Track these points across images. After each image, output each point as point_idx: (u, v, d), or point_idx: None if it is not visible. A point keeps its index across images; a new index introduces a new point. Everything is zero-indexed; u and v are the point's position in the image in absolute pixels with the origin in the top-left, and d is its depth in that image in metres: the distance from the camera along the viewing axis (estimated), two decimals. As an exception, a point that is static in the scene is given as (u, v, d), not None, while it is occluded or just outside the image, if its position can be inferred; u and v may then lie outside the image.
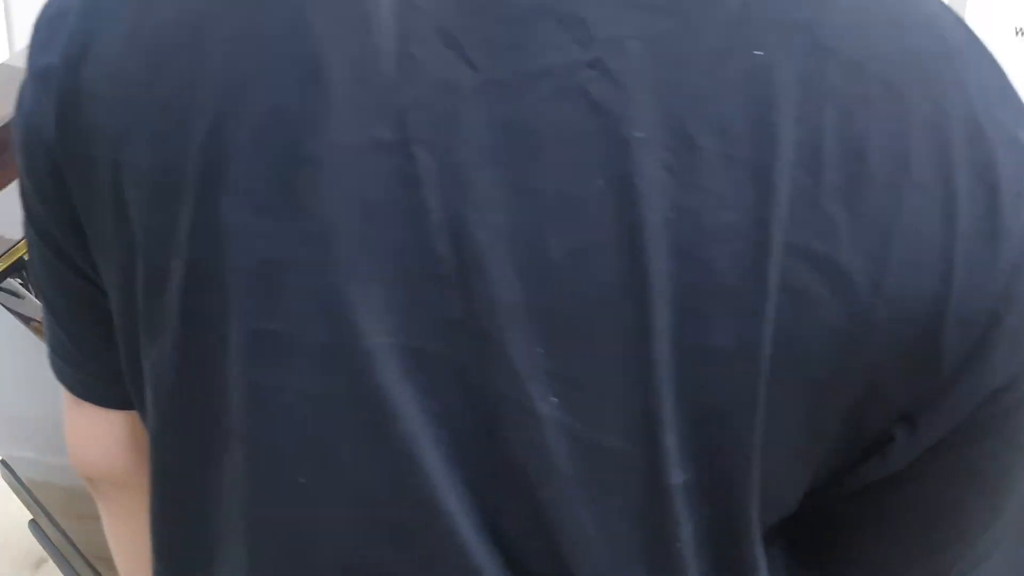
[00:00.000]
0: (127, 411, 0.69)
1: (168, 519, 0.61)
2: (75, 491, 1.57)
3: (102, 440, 0.71)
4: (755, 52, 0.45)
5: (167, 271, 0.53)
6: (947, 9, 0.49)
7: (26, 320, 1.55)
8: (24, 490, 1.69)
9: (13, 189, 1.73)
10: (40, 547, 2.49)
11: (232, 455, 0.54)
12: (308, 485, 0.53)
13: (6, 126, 1.85)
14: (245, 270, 0.50)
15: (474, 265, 0.47)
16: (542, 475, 0.49)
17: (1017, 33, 2.23)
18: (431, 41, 0.47)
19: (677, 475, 0.48)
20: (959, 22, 0.48)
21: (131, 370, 0.60)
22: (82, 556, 1.51)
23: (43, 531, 1.63)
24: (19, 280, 1.67)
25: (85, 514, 1.56)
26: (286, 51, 0.49)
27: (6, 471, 1.76)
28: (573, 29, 0.45)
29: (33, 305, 1.62)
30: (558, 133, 0.46)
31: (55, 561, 1.61)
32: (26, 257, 1.61)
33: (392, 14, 0.47)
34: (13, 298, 1.62)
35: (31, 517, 1.77)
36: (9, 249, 1.59)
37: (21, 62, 1.88)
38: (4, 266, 1.58)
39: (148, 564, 0.76)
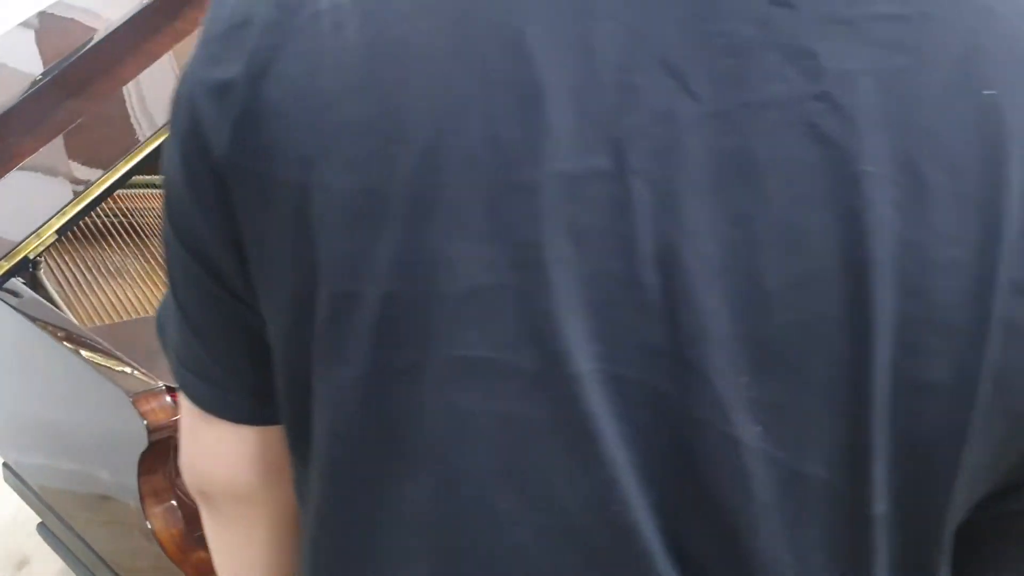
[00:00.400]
0: (260, 427, 0.68)
1: (335, 538, 0.61)
2: (84, 496, 1.55)
3: (230, 456, 0.70)
4: (985, 91, 0.45)
5: (358, 297, 0.52)
6: None
7: (32, 318, 1.53)
8: (31, 493, 1.66)
9: (11, 189, 1.70)
10: (23, 548, 2.46)
11: (419, 480, 0.54)
12: (507, 510, 0.52)
13: (-7, 119, 1.81)
14: (453, 297, 0.50)
15: (682, 294, 0.47)
16: (740, 502, 0.49)
17: None
18: (653, 71, 0.46)
19: (880, 505, 0.49)
20: None
21: (292, 391, 0.59)
22: (99, 557, 1.49)
23: (53, 533, 1.61)
24: (21, 280, 1.64)
25: (95, 519, 1.54)
26: (505, 76, 0.48)
27: (8, 473, 1.73)
28: (800, 61, 0.45)
29: (34, 304, 1.60)
30: (781, 165, 0.45)
31: (67, 562, 1.59)
32: (30, 256, 1.58)
33: (615, 42, 0.47)
34: (13, 297, 1.60)
35: (39, 520, 1.74)
36: (12, 250, 1.56)
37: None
38: (8, 266, 1.55)
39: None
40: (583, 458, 0.50)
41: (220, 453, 0.70)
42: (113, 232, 2.02)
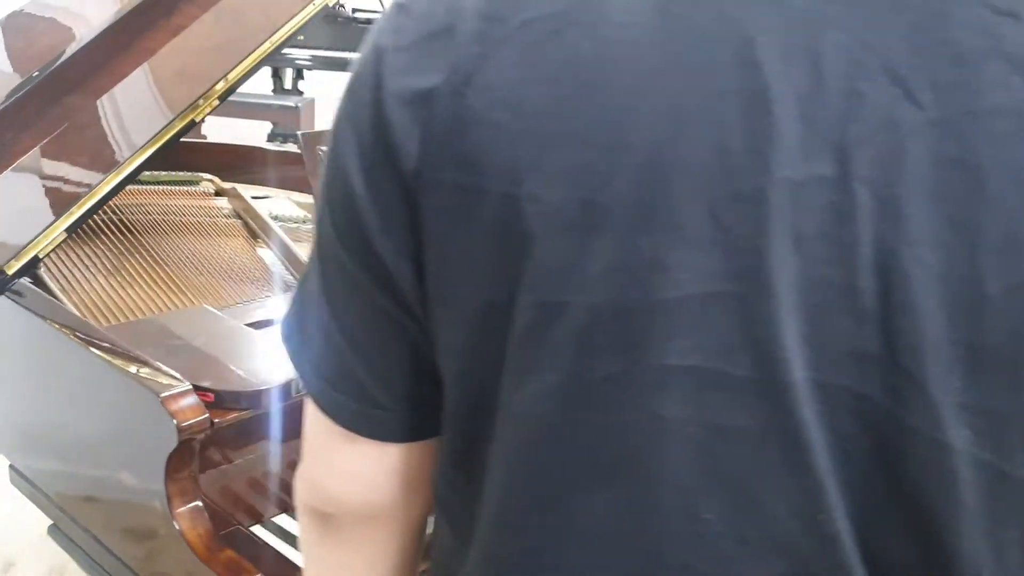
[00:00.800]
0: (405, 443, 0.67)
1: (519, 549, 0.59)
2: (103, 499, 1.53)
3: (370, 475, 0.68)
4: None
5: (565, 306, 0.52)
6: None
7: (47, 320, 1.50)
8: (42, 495, 1.63)
9: (12, 187, 1.67)
10: (6, 552, 2.42)
11: (616, 490, 0.54)
12: (710, 520, 0.53)
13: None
14: (667, 306, 0.50)
15: (900, 300, 0.47)
16: (946, 506, 0.50)
17: None
18: (878, 79, 0.47)
19: None
20: None
21: (471, 403, 0.59)
22: (120, 560, 1.48)
23: (66, 535, 1.59)
24: (29, 280, 1.62)
25: (114, 523, 1.53)
26: (733, 85, 0.48)
27: (15, 475, 1.70)
28: None
29: (47, 304, 1.58)
30: (1006, 172, 0.46)
31: (82, 566, 1.56)
32: (40, 256, 1.55)
33: (841, 51, 0.47)
34: (24, 298, 1.57)
35: (27, 524, 1.71)
36: (22, 249, 1.53)
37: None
38: (18, 266, 1.53)
39: None
40: (793, 467, 0.51)
41: (358, 472, 0.68)
42: (105, 229, 1.99)
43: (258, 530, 1.46)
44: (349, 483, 0.69)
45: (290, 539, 1.43)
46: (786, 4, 0.48)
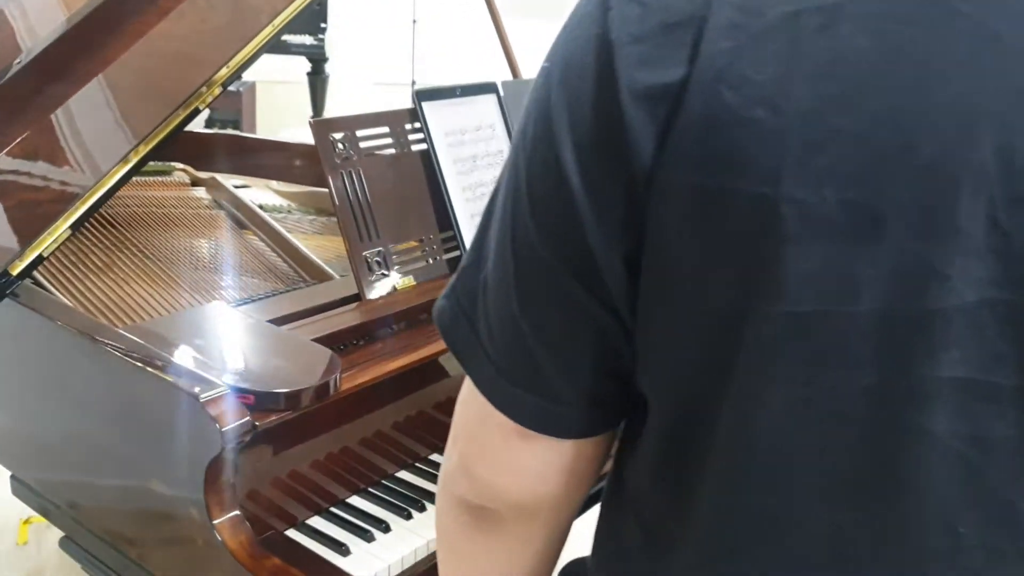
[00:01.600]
0: (580, 440, 0.66)
1: (752, 560, 0.59)
2: (130, 510, 1.46)
3: (541, 470, 0.67)
4: None
5: (820, 316, 0.50)
6: None
7: (53, 319, 1.42)
8: (52, 507, 1.55)
9: (13, 187, 1.57)
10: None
11: (869, 504, 0.53)
12: (966, 533, 0.52)
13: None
14: (946, 316, 0.49)
15: None
16: None
17: None
18: None
19: None
20: None
21: (685, 407, 0.58)
22: (148, 572, 1.41)
23: (82, 547, 1.51)
24: (30, 280, 1.53)
25: (145, 535, 1.46)
26: (1018, 85, 0.47)
27: (19, 486, 1.60)
28: None
29: (60, 308, 1.49)
30: None
31: (90, 574, 1.49)
32: (44, 254, 1.47)
33: None
34: (26, 299, 1.48)
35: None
36: (24, 250, 1.44)
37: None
38: (21, 266, 1.44)
39: None
40: None
41: (530, 468, 0.67)
42: (87, 224, 1.90)
43: (292, 533, 1.41)
44: (518, 479, 0.68)
45: (324, 540, 1.38)
46: None
